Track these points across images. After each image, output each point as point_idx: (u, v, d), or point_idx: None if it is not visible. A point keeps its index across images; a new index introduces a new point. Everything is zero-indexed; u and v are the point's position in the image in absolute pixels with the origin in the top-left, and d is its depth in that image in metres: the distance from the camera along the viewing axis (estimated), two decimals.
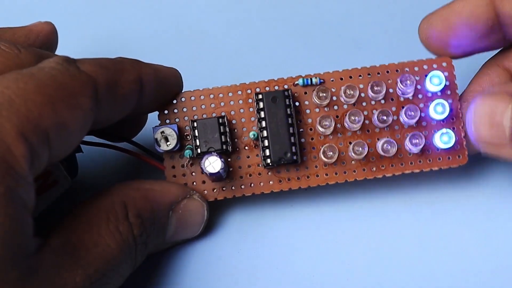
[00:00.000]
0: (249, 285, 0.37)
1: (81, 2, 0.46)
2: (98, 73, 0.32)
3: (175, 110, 0.37)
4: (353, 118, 0.36)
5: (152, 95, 0.35)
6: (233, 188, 0.37)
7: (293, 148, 0.36)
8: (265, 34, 0.44)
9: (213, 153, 0.35)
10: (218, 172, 0.35)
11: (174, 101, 0.37)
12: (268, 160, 0.36)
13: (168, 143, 0.36)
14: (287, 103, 0.36)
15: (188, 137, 0.37)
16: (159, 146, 0.36)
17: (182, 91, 0.37)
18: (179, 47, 0.44)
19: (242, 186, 0.37)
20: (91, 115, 0.31)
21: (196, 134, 0.36)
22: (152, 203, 0.34)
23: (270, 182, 0.37)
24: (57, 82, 0.30)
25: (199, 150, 0.36)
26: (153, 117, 0.38)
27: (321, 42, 0.44)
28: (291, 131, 0.36)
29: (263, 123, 0.36)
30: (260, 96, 0.36)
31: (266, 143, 0.36)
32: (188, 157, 0.36)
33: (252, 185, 0.37)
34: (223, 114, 0.37)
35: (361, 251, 0.38)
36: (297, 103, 0.37)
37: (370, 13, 0.44)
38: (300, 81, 0.37)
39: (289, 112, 0.36)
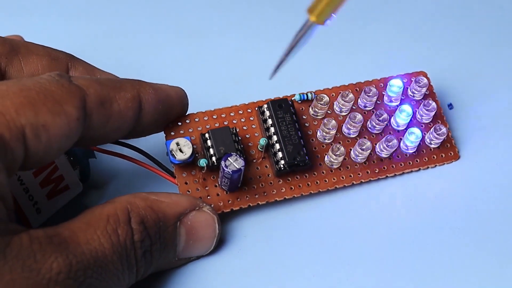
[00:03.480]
0: None
1: (81, 2, 0.47)
2: (90, 87, 0.33)
3: (181, 131, 0.38)
4: (353, 120, 0.38)
5: (153, 114, 0.36)
6: (247, 197, 0.37)
7: (304, 149, 0.37)
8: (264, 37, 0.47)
9: (231, 153, 0.36)
10: (240, 169, 0.35)
11: (179, 123, 0.38)
12: (282, 162, 0.37)
13: (184, 153, 0.36)
14: (292, 110, 0.38)
15: (197, 155, 0.37)
16: (175, 156, 0.36)
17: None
18: (178, 47, 0.46)
19: (256, 196, 0.38)
20: (77, 124, 0.32)
21: (209, 144, 0.37)
22: (158, 213, 0.34)
23: (282, 190, 0.38)
24: (42, 87, 0.31)
25: (213, 159, 0.37)
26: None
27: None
28: (299, 134, 0.38)
29: (272, 130, 0.38)
30: (265, 106, 0.38)
31: (277, 147, 0.37)
32: (204, 165, 0.36)
33: (265, 193, 0.38)
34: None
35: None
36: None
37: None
38: (297, 97, 0.40)
39: (295, 118, 0.38)
